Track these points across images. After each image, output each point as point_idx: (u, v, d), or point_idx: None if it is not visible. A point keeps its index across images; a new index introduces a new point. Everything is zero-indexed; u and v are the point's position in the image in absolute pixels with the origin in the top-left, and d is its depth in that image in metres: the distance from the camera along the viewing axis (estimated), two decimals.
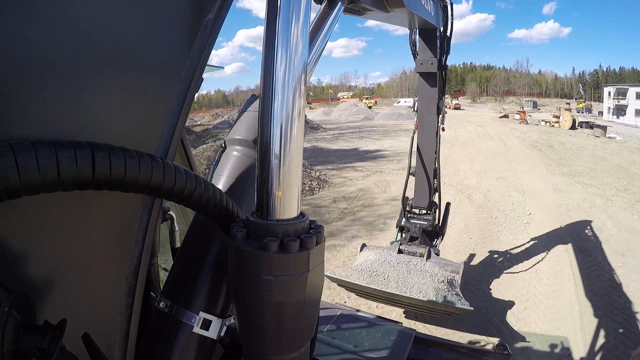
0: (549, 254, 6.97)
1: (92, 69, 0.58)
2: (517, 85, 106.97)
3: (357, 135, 27.01)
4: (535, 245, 7.41)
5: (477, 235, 8.01)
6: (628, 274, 6.18)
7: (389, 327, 2.92)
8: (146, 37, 0.67)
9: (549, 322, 5.01)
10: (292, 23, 0.69)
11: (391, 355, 2.59)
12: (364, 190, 11.59)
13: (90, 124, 0.59)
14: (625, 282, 5.94)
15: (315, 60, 1.05)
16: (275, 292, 0.68)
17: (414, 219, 5.02)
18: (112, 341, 0.73)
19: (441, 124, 4.83)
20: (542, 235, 7.86)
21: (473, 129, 29.54)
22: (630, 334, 4.67)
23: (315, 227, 0.76)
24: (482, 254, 7.06)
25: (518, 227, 8.49)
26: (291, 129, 0.70)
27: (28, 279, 0.55)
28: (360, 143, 22.82)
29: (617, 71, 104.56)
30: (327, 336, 2.73)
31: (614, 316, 5.04)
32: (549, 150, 20.04)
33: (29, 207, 0.52)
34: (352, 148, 20.86)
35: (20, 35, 0.49)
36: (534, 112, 58.43)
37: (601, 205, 9.96)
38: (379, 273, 4.43)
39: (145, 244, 0.74)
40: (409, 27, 4.25)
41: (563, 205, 10.06)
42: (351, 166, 15.53)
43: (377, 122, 39.45)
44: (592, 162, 16.49)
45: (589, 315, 5.07)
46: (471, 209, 9.74)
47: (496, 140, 23.86)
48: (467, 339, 4.55)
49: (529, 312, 5.26)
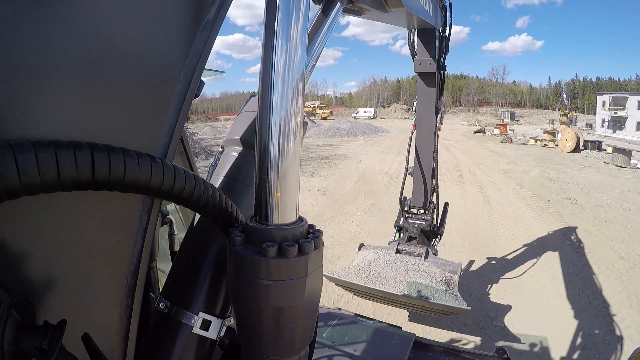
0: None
1: (91, 69, 0.58)
2: (491, 95, 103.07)
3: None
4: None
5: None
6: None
7: (388, 331, 2.92)
8: (145, 37, 0.67)
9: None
10: (291, 23, 0.69)
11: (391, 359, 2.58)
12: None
13: (89, 125, 0.59)
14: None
15: (315, 60, 1.06)
16: (273, 297, 0.68)
17: (412, 219, 5.03)
18: (112, 341, 0.73)
19: (440, 124, 4.84)
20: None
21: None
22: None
23: (313, 232, 0.75)
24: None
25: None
26: (290, 131, 0.70)
27: (28, 279, 0.55)
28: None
29: (594, 81, 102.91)
30: (327, 340, 2.73)
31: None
32: (576, 212, 10.33)
33: (29, 207, 0.52)
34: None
35: (20, 36, 0.48)
36: (513, 124, 50.98)
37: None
38: (377, 273, 4.44)
39: (145, 244, 0.74)
40: (407, 27, 4.26)
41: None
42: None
43: (305, 141, 24.79)
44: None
45: None
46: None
47: (469, 185, 13.16)
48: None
49: None
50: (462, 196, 11.76)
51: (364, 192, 12.27)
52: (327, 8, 1.16)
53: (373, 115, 68.68)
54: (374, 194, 11.96)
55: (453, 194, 11.58)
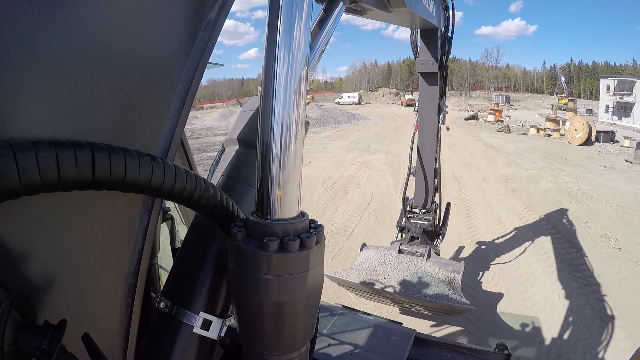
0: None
1: (92, 68, 0.58)
2: (484, 78, 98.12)
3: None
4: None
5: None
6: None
7: (389, 327, 2.92)
8: (147, 37, 0.67)
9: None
10: (294, 22, 0.68)
11: (391, 356, 2.58)
12: None
13: (90, 124, 0.59)
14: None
15: (317, 59, 1.05)
16: (274, 292, 0.68)
17: (414, 219, 5.02)
18: (112, 341, 0.73)
19: (443, 124, 4.83)
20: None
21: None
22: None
23: (315, 227, 0.75)
24: None
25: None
26: (292, 128, 0.70)
27: (28, 279, 0.55)
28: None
29: (589, 65, 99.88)
30: (327, 336, 2.73)
31: None
32: (628, 273, 5.78)
33: (29, 207, 0.52)
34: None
35: (20, 35, 0.48)
36: (509, 109, 44.71)
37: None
38: (379, 273, 4.43)
39: (146, 244, 0.74)
40: (410, 27, 4.25)
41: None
42: None
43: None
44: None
45: None
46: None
47: (453, 212, 5.65)
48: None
49: None
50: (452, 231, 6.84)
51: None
52: (330, 7, 1.16)
53: (357, 100, 63.52)
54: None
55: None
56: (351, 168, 12.98)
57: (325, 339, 2.68)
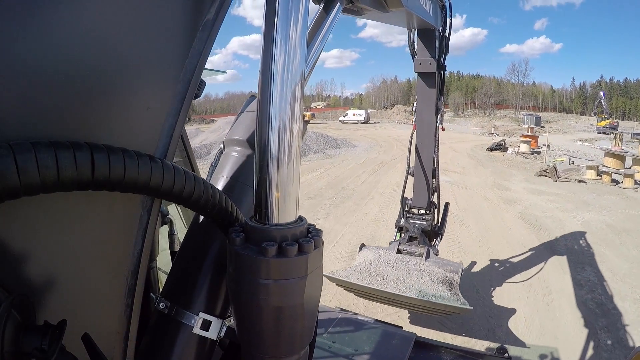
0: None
1: (91, 69, 0.58)
2: (510, 96, 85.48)
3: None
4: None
5: None
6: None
7: (389, 330, 2.92)
8: (145, 38, 0.67)
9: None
10: (290, 23, 0.68)
11: (391, 359, 2.58)
12: None
13: (89, 125, 0.59)
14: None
15: (314, 60, 1.05)
16: (273, 297, 0.68)
17: (412, 219, 5.02)
18: (112, 341, 0.73)
19: (440, 124, 4.84)
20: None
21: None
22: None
23: (313, 231, 0.75)
24: None
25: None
26: (289, 131, 0.70)
27: (28, 279, 0.55)
28: None
29: (621, 83, 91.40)
30: (327, 340, 2.72)
31: None
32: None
33: (29, 207, 0.52)
34: None
35: (20, 37, 0.49)
36: (541, 131, 29.51)
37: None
38: (378, 273, 4.43)
39: (145, 245, 0.74)
40: (407, 27, 4.26)
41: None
42: None
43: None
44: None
45: None
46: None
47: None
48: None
49: None
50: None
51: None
52: (327, 8, 1.16)
53: (364, 118, 53.73)
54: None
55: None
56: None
57: (326, 343, 2.67)
